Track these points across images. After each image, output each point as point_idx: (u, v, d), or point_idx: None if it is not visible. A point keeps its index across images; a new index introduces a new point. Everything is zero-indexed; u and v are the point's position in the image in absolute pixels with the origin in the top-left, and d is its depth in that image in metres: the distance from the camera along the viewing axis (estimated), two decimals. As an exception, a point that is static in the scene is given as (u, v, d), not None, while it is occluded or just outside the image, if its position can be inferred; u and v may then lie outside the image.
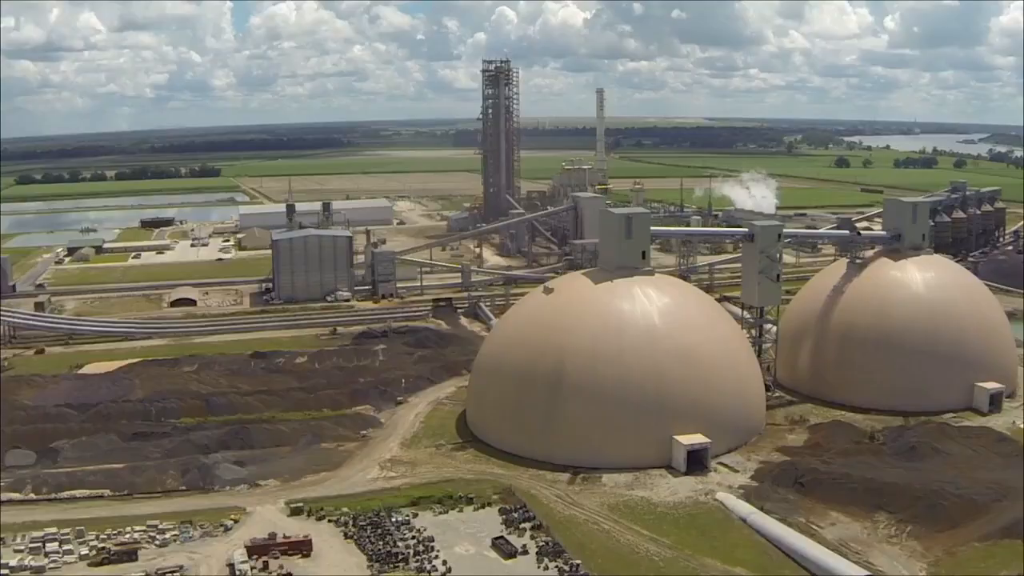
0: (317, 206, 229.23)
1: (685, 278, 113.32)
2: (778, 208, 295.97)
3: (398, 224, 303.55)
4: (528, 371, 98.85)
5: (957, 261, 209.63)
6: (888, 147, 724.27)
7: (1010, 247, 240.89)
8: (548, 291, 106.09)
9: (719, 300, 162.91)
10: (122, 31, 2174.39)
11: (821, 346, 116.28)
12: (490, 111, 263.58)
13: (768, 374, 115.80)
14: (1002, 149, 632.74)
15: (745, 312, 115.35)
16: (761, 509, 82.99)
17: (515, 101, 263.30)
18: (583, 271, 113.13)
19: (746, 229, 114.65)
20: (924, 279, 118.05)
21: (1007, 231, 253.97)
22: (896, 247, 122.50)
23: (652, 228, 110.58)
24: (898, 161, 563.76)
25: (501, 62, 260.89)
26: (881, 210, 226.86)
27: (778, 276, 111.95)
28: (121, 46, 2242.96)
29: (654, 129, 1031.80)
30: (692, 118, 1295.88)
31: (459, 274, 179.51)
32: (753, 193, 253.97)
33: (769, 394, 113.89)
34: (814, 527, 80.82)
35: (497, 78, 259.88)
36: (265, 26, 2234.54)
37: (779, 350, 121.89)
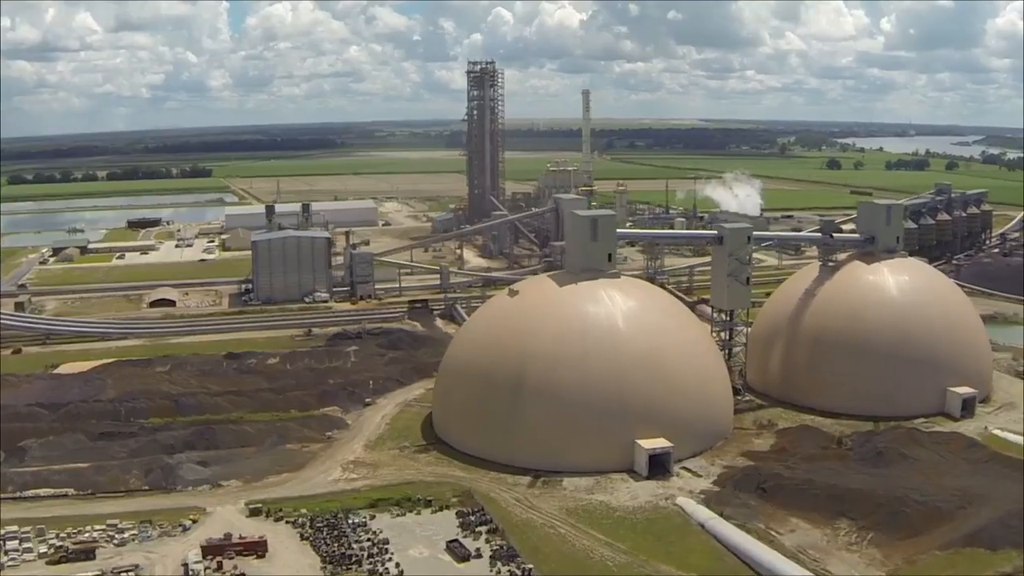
0: (299, 207, 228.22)
1: (652, 280, 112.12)
2: (764, 210, 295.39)
3: (383, 225, 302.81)
4: (490, 374, 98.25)
5: (941, 264, 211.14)
6: (881, 149, 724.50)
7: (996, 250, 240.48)
8: (513, 293, 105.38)
9: (697, 303, 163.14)
10: (118, 31, 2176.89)
11: (792, 350, 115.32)
12: (475, 112, 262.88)
13: (738, 378, 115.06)
14: (995, 151, 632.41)
15: (715, 315, 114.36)
16: (720, 515, 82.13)
17: (500, 102, 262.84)
18: (549, 273, 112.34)
19: (715, 231, 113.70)
20: (897, 282, 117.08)
21: (994, 233, 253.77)
22: (870, 250, 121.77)
23: (618, 231, 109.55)
24: (890, 163, 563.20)
25: (486, 63, 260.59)
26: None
27: (747, 279, 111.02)
28: (117, 46, 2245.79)
29: (648, 130, 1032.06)
30: (687, 120, 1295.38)
31: (438, 276, 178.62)
32: (737, 194, 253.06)
33: (739, 398, 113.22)
34: (773, 533, 79.88)
35: (482, 79, 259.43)
36: (261, 27, 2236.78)
37: (751, 353, 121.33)
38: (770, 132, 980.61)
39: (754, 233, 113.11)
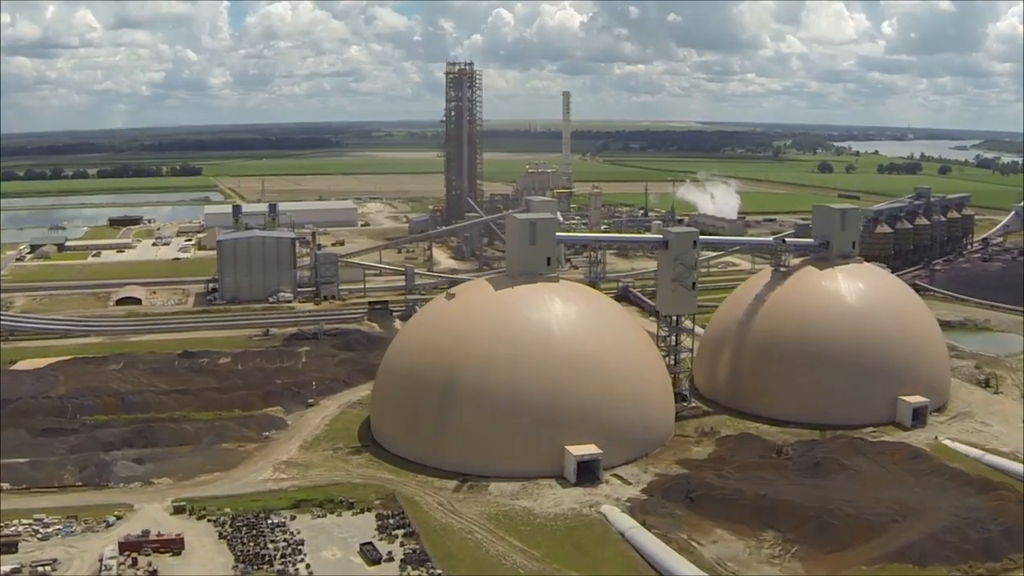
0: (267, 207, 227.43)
1: (594, 285, 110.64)
2: (747, 213, 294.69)
3: (362, 226, 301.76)
4: (422, 377, 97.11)
5: (919, 268, 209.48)
6: (876, 152, 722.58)
7: (977, 255, 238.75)
8: (450, 296, 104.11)
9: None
10: (117, 29, 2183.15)
11: (739, 356, 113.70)
12: (453, 113, 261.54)
13: (685, 384, 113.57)
14: (990, 155, 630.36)
15: (660, 320, 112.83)
16: (643, 524, 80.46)
17: (478, 103, 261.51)
18: (487, 276, 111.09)
19: (660, 236, 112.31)
20: (850, 288, 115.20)
21: (977, 238, 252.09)
22: (824, 255, 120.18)
23: (558, 234, 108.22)
24: (882, 167, 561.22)
25: (465, 64, 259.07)
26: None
27: (693, 284, 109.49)
28: (117, 44, 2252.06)
29: (646, 132, 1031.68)
30: (685, 122, 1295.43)
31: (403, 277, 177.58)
32: (715, 198, 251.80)
33: (685, 404, 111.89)
34: (694, 544, 78.23)
35: (460, 80, 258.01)
36: (261, 25, 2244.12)
37: (701, 359, 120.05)
38: (767, 135, 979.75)
39: (700, 237, 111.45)
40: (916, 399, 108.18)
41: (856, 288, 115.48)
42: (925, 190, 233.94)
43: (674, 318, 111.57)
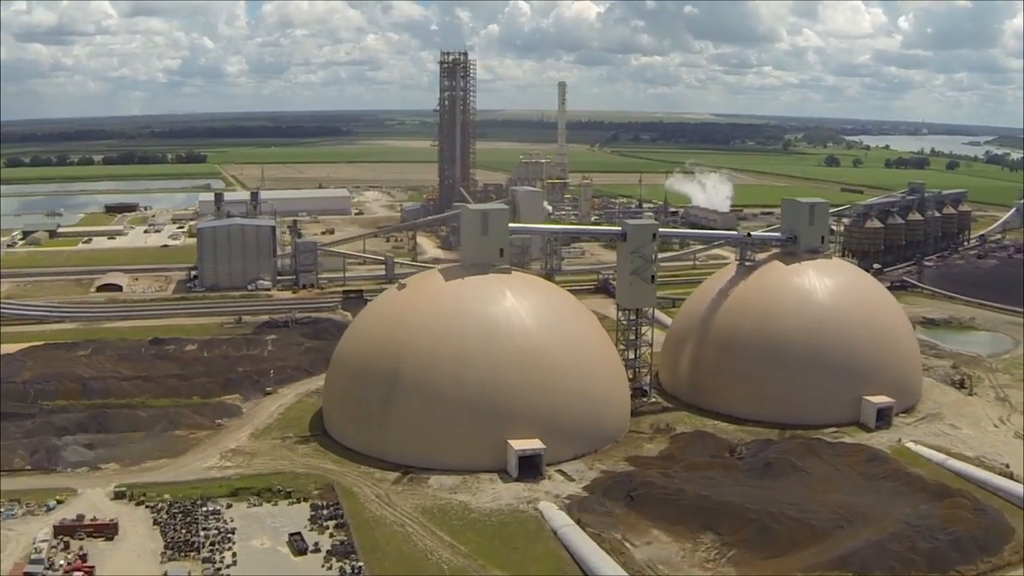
0: (275, 193, 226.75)
1: (550, 277, 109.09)
2: (744, 205, 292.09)
3: (356, 214, 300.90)
4: (368, 367, 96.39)
5: (910, 265, 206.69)
6: (887, 147, 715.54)
7: (973, 251, 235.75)
8: (401, 287, 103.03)
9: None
10: (133, 16, 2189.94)
11: (701, 352, 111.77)
12: (446, 102, 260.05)
13: (645, 379, 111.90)
14: (1000, 151, 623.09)
15: (619, 314, 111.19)
16: (578, 522, 78.91)
17: (472, 93, 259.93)
18: (441, 267, 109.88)
19: (619, 228, 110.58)
20: (815, 284, 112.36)
21: (974, 235, 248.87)
22: (792, 250, 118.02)
23: (512, 225, 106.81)
24: (889, 161, 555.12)
25: (459, 54, 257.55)
26: (842, 208, 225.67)
27: (652, 277, 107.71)
28: (133, 31, 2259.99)
29: (658, 124, 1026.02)
30: (699, 114, 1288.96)
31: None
32: (707, 189, 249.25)
33: (644, 400, 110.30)
34: (627, 545, 76.53)
35: (454, 70, 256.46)
36: (277, 13, 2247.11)
37: (666, 354, 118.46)
38: (781, 128, 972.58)
39: (661, 230, 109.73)
40: (881, 399, 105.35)
41: (822, 284, 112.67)
42: (919, 185, 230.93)
43: (634, 311, 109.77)
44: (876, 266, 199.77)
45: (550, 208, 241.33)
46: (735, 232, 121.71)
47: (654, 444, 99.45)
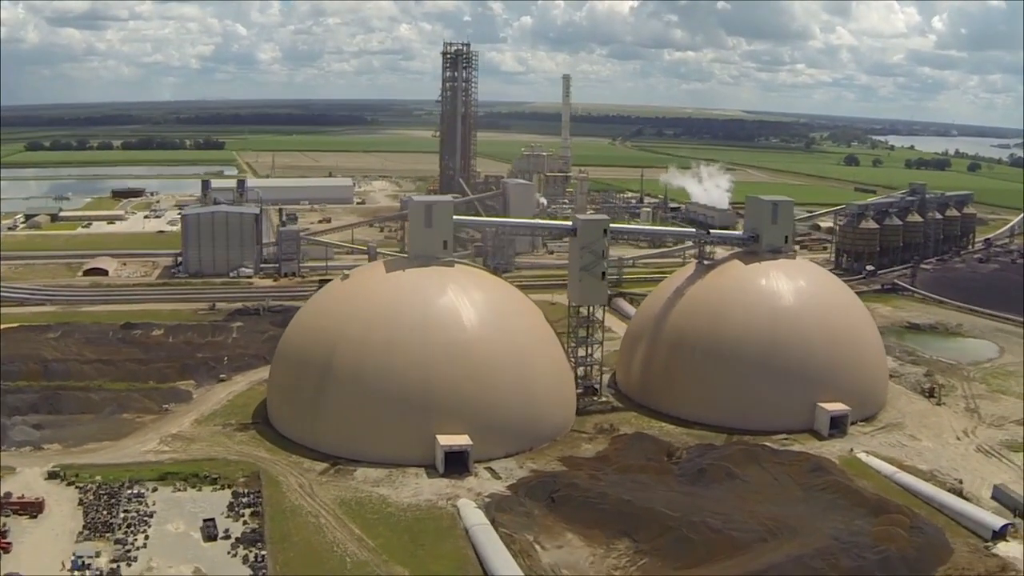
0: (278, 182, 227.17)
1: (497, 272, 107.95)
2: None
3: (358, 203, 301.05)
4: (304, 357, 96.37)
5: (907, 267, 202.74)
6: (912, 147, 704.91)
7: (977, 255, 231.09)
8: (344, 277, 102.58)
9: (614, 296, 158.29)
10: (165, 2, 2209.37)
11: (653, 352, 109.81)
12: (448, 93, 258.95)
13: (595, 378, 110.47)
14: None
15: (570, 311, 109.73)
16: (493, 522, 77.84)
17: (473, 84, 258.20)
18: (385, 259, 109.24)
19: (570, 223, 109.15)
20: (774, 285, 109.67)
21: (980, 238, 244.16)
22: (754, 249, 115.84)
23: (458, 218, 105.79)
24: (910, 161, 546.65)
25: (462, 44, 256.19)
26: (839, 207, 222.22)
27: (603, 274, 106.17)
28: (165, 17, 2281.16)
29: (686, 120, 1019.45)
30: (729, 111, 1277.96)
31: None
32: (705, 186, 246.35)
33: (594, 398, 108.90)
34: (537, 547, 75.26)
35: (456, 61, 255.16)
36: (310, 2, 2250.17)
37: (622, 353, 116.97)
38: (809, 126, 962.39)
39: (611, 226, 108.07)
40: (835, 407, 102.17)
41: (780, 285, 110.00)
42: (919, 186, 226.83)
43: (585, 308, 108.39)
44: (869, 268, 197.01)
45: (544, 202, 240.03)
46: (693, 230, 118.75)
47: (593, 445, 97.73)
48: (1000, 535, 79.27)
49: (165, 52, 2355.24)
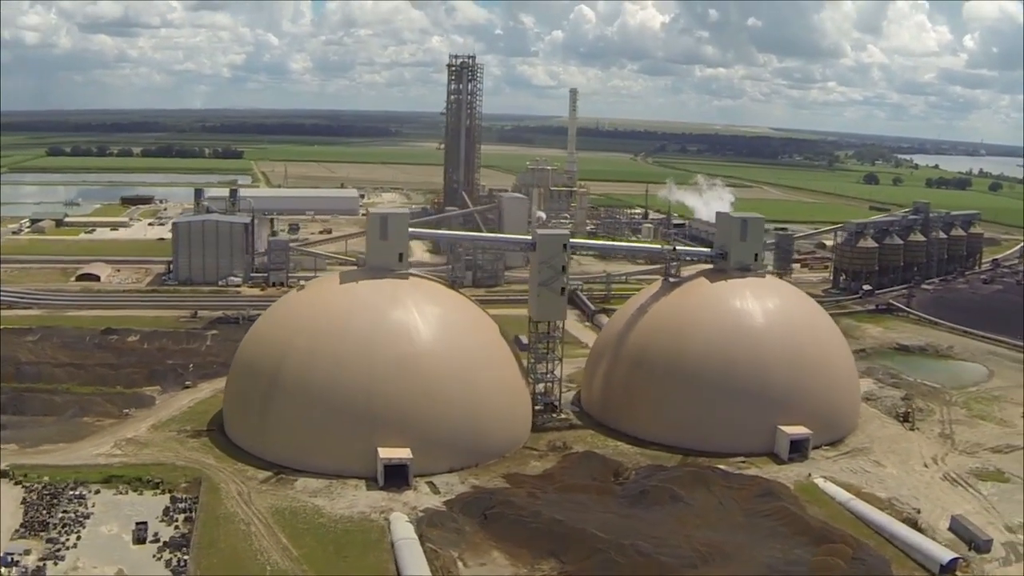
0: (285, 192, 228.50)
1: (453, 285, 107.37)
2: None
3: (363, 215, 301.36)
4: (254, 366, 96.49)
5: (908, 287, 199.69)
6: (936, 166, 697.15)
7: (984, 276, 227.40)
8: (300, 288, 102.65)
9: (597, 312, 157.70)
10: (197, 10, 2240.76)
11: (612, 370, 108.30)
12: (453, 106, 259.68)
13: (555, 394, 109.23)
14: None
15: (530, 327, 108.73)
16: (421, 537, 76.98)
17: (478, 97, 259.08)
18: (343, 270, 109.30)
19: (529, 237, 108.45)
20: (739, 304, 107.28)
21: (986, 259, 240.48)
22: (722, 267, 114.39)
23: (414, 230, 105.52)
24: (930, 180, 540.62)
25: (467, 57, 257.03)
26: (837, 225, 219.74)
27: (563, 289, 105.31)
28: (197, 25, 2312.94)
29: (712, 136, 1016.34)
30: (757, 127, 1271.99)
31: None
32: (708, 202, 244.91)
33: (553, 415, 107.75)
34: (460, 564, 74.27)
35: (461, 73, 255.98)
36: (341, 12, 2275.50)
37: (586, 370, 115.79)
38: (837, 144, 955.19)
39: (572, 241, 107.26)
40: (796, 430, 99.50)
41: (746, 304, 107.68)
42: (923, 205, 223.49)
43: (545, 324, 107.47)
44: (866, 287, 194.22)
45: (543, 216, 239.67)
46: (659, 246, 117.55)
47: (542, 462, 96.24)
48: (949, 569, 76.73)
49: (196, 60, 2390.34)
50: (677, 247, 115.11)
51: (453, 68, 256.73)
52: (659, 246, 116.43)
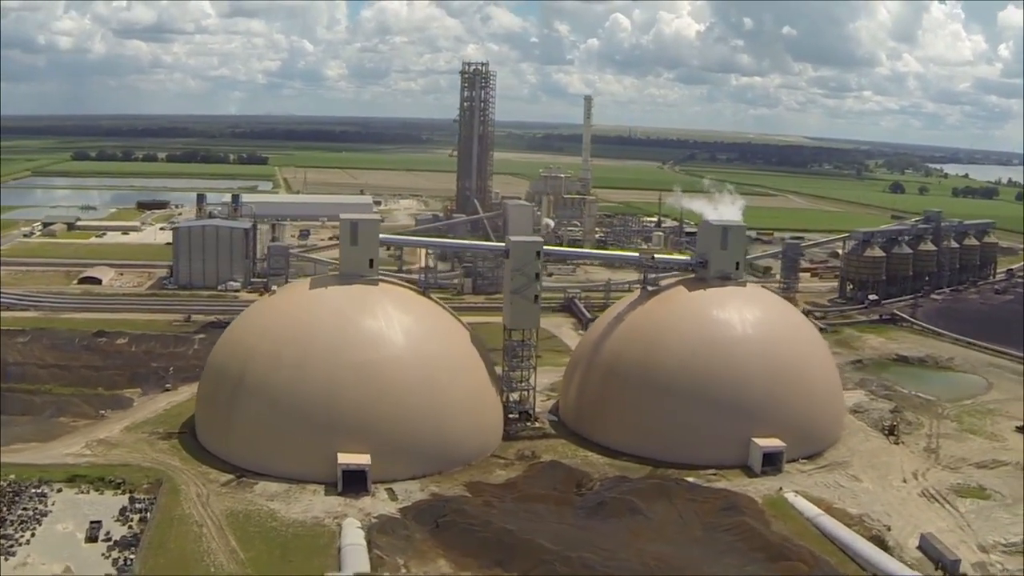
0: (300, 198, 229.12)
1: (424, 291, 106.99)
2: (772, 230, 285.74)
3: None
4: (222, 370, 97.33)
5: (917, 296, 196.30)
6: (966, 175, 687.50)
7: (996, 286, 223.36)
8: (271, 293, 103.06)
9: (592, 320, 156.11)
10: (232, 16, 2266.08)
11: (587, 379, 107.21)
12: (466, 113, 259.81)
13: (530, 402, 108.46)
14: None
15: (504, 335, 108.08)
16: (371, 543, 76.65)
17: (491, 104, 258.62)
18: (314, 276, 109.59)
19: (503, 244, 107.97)
20: (716, 313, 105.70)
21: (1000, 269, 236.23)
22: (702, 275, 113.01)
23: (382, 236, 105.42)
24: (956, 190, 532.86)
25: (480, 64, 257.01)
26: (843, 235, 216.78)
27: (536, 297, 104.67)
28: (231, 31, 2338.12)
29: (744, 145, 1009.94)
30: (791, 136, 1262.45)
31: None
32: (718, 209, 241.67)
33: (528, 424, 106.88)
34: (404, 571, 73.89)
35: (474, 80, 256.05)
36: (376, 20, 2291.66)
37: (565, 379, 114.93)
38: (869, 153, 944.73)
39: (544, 248, 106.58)
40: (770, 442, 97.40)
41: (724, 313, 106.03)
42: (934, 213, 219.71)
43: (519, 332, 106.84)
44: (873, 297, 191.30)
45: (551, 223, 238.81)
46: (635, 255, 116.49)
47: (507, 471, 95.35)
48: None
49: (231, 66, 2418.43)
50: (655, 255, 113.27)
51: (466, 75, 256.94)
52: (636, 254, 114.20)
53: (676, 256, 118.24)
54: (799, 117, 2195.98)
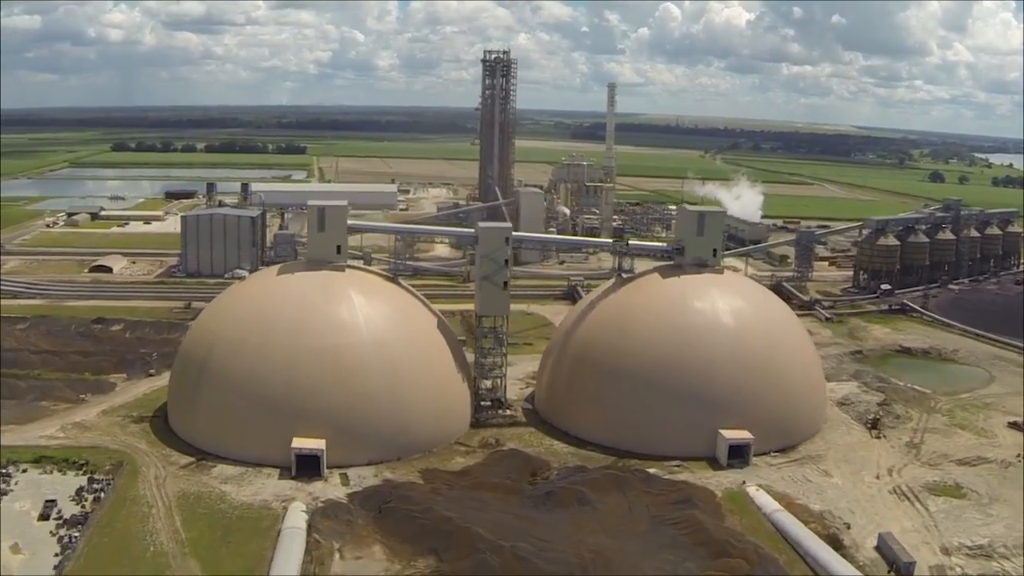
0: (322, 186, 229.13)
1: (394, 279, 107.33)
2: (798, 218, 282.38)
3: (402, 210, 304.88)
4: (189, 355, 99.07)
5: (925, 288, 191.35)
6: (1011, 165, 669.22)
7: (1018, 277, 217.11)
8: (242, 279, 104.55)
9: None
10: (282, 8, 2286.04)
11: (558, 367, 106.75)
12: (488, 101, 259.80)
13: (501, 390, 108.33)
14: None
15: (476, 323, 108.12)
16: (310, 527, 77.50)
17: (512, 92, 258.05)
18: (283, 263, 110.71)
19: (472, 230, 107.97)
20: (688, 301, 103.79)
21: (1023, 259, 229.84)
22: (678, 262, 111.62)
23: (351, 223, 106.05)
24: (996, 179, 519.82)
25: (502, 52, 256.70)
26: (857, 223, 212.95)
27: (505, 283, 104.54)
28: (281, 23, 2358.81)
29: (789, 134, 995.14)
30: (839, 126, 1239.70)
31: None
32: (739, 198, 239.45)
33: (499, 411, 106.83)
34: (336, 556, 74.43)
35: (495, 68, 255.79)
36: (425, 10, 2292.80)
37: (539, 368, 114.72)
38: (916, 143, 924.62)
39: (515, 234, 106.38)
40: (737, 435, 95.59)
41: (696, 301, 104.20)
42: (954, 202, 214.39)
43: (492, 319, 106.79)
44: (885, 286, 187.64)
45: (567, 211, 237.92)
46: (609, 240, 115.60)
47: (466, 459, 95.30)
48: None
49: (282, 57, 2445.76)
50: (629, 241, 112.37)
51: (487, 64, 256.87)
52: (610, 240, 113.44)
53: (651, 243, 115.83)
54: (850, 106, 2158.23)
